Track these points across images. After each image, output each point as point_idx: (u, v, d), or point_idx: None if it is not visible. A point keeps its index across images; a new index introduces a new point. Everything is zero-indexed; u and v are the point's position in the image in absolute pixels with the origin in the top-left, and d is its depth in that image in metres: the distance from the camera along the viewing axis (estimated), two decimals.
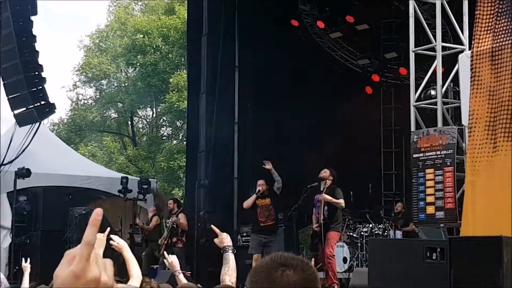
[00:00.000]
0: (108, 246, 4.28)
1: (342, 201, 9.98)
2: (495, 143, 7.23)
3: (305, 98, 15.18)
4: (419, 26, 9.17)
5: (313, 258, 10.06)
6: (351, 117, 14.94)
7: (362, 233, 12.31)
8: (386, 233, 12.49)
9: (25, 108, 12.51)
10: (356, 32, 15.47)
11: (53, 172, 14.00)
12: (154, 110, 33.03)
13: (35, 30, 12.24)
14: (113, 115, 33.25)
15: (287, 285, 1.73)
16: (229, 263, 4.20)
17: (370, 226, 12.56)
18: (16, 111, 12.52)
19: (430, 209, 8.25)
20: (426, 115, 9.26)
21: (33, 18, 12.24)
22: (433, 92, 9.14)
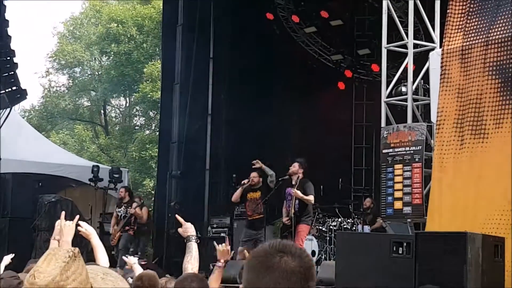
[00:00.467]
0: (77, 233, 4.29)
1: (312, 198, 10.05)
2: (462, 141, 7.34)
3: (278, 92, 15.26)
4: (392, 23, 9.25)
5: None
6: (323, 112, 15.06)
7: (331, 227, 12.44)
8: (354, 228, 12.63)
9: None
10: (330, 27, 15.55)
11: (23, 158, 13.89)
12: (127, 99, 32.85)
13: (8, 15, 12.11)
14: (86, 103, 33.01)
15: (285, 271, 1.77)
16: (191, 252, 4.24)
17: (339, 220, 12.69)
18: None
19: (397, 204, 8.35)
20: (397, 111, 9.36)
21: (6, 2, 12.10)
22: (403, 89, 9.24)
